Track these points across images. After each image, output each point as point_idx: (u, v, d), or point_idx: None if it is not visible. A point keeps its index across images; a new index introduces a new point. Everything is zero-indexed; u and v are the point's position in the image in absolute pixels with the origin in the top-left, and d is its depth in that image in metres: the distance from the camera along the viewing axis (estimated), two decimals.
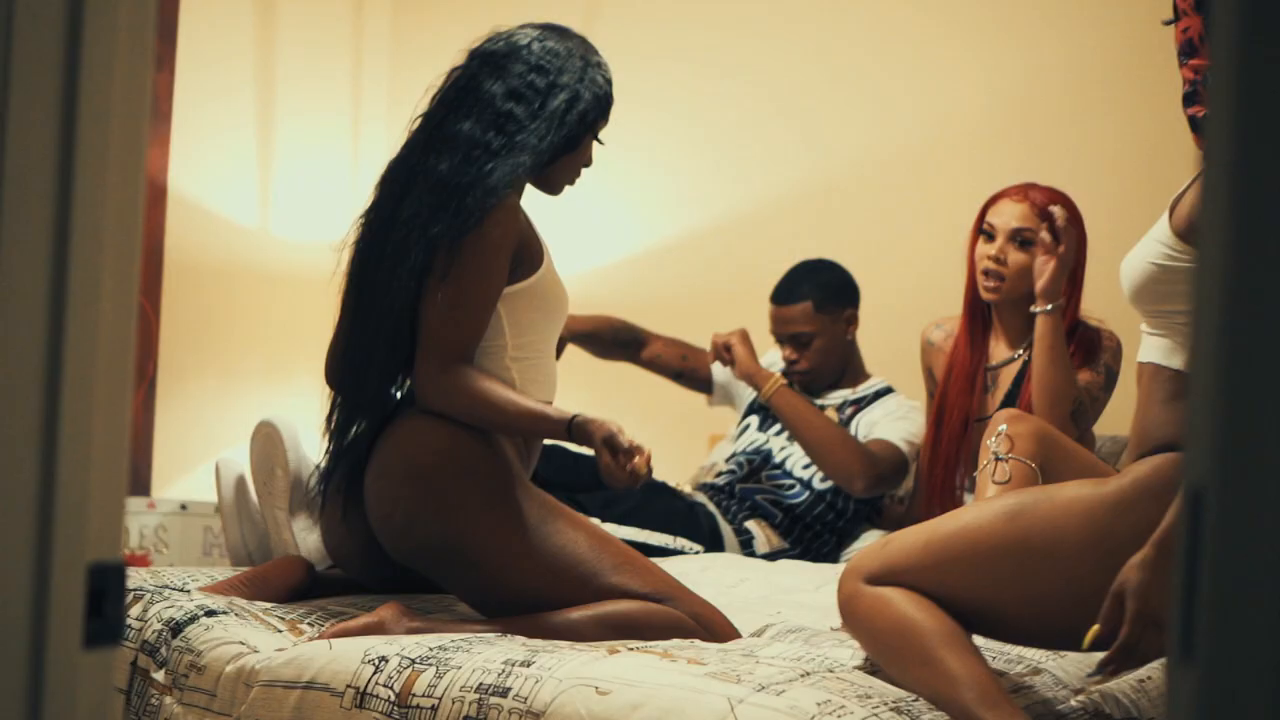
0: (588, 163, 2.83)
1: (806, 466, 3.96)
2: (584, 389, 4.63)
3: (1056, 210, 3.34)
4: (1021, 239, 3.45)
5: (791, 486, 3.96)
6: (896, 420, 3.95)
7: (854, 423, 4.01)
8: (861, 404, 4.04)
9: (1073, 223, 3.40)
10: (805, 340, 4.01)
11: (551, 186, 2.81)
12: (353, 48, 5.29)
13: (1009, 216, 3.47)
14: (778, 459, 4.00)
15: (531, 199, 2.79)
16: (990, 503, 2.36)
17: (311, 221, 4.88)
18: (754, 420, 4.13)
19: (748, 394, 4.20)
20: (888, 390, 4.08)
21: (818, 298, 4.02)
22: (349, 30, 5.29)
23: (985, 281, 3.48)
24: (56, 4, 1.15)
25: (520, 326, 2.71)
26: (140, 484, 4.54)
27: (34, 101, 1.15)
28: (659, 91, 4.89)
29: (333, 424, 2.75)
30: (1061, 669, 2.48)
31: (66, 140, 1.16)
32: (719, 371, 4.26)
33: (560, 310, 2.80)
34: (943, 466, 3.51)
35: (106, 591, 1.20)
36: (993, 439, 2.99)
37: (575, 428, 2.61)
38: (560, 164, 2.76)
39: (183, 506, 4.39)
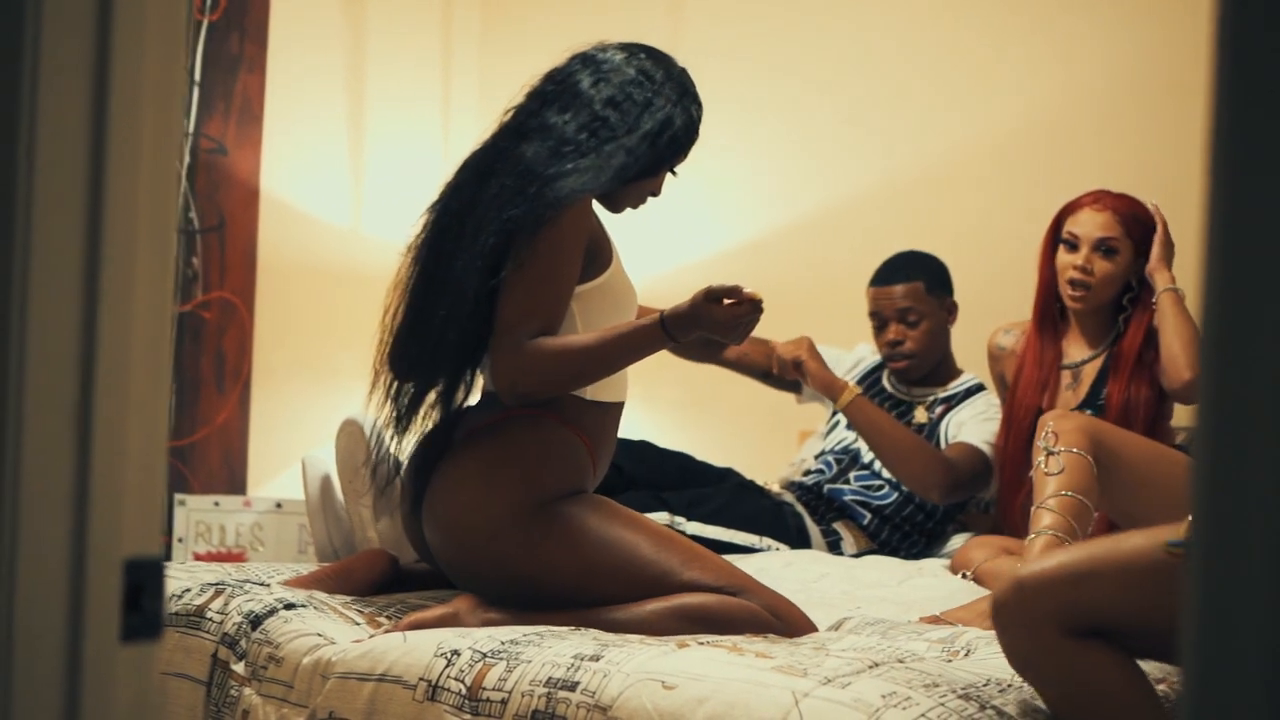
0: (656, 192, 2.81)
1: None
2: (675, 387, 4.64)
3: (1154, 205, 3.47)
4: (1106, 248, 3.49)
5: (880, 487, 3.92)
6: (983, 421, 3.90)
7: (944, 422, 3.96)
8: (952, 402, 4.00)
9: (1148, 228, 3.47)
10: (914, 320, 3.97)
11: (615, 205, 2.78)
12: (442, 45, 5.33)
13: (1092, 226, 3.49)
14: (866, 459, 3.97)
15: None
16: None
17: (403, 220, 4.90)
18: (843, 418, 4.10)
19: None
20: (979, 388, 4.03)
21: (928, 280, 4.00)
22: (438, 28, 5.33)
23: (1071, 291, 3.51)
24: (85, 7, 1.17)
25: (593, 325, 2.70)
26: (236, 482, 4.61)
27: (64, 104, 1.17)
28: (741, 92, 4.89)
29: (398, 413, 2.74)
30: None
31: (97, 135, 1.18)
32: None
33: (630, 308, 2.79)
34: (1012, 467, 3.50)
35: (144, 586, 1.22)
36: (1041, 437, 3.03)
37: (669, 320, 2.58)
38: (633, 186, 2.74)
39: (278, 505, 4.45)
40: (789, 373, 3.93)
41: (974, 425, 3.90)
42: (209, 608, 2.62)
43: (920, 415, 4.00)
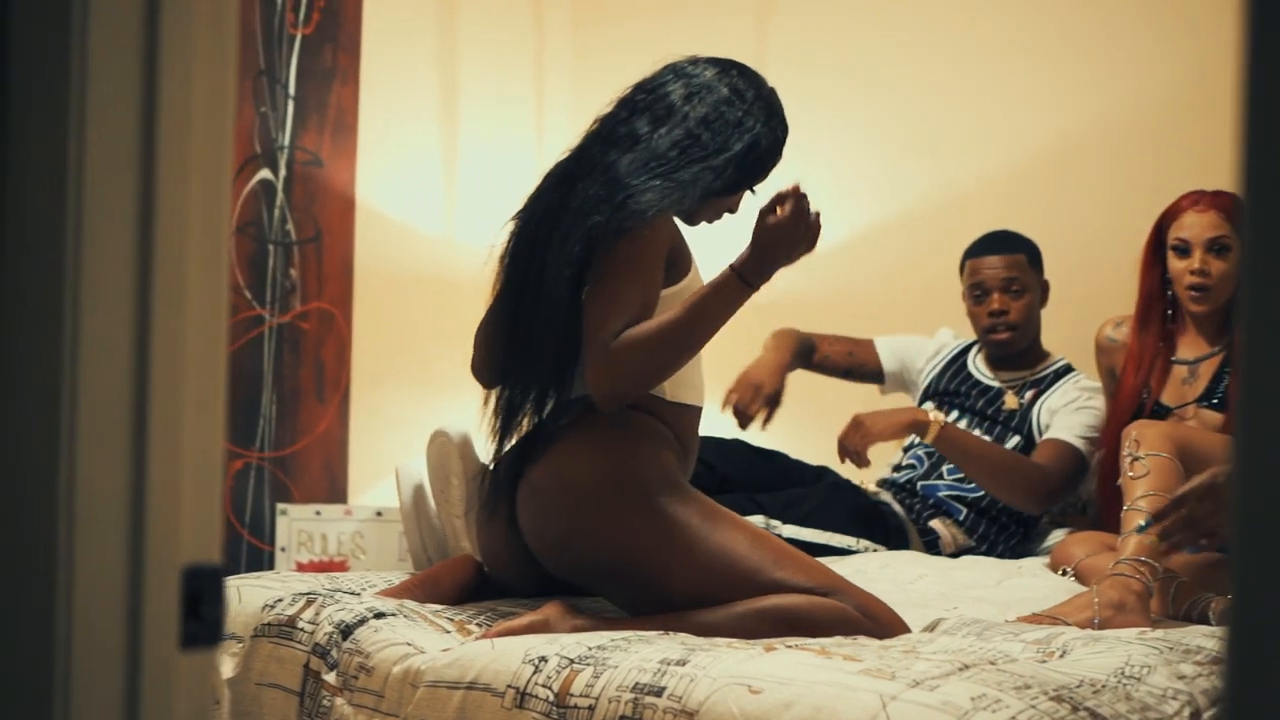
0: (734, 210, 2.80)
1: None
2: None
3: None
4: (1219, 246, 3.47)
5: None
6: (1075, 411, 3.84)
7: (1035, 408, 3.90)
8: (1041, 385, 3.94)
9: None
10: (1018, 291, 3.93)
11: (692, 219, 2.76)
12: (534, 54, 5.34)
13: (1200, 228, 3.48)
14: None
15: None
16: None
17: (495, 227, 4.92)
18: (930, 408, 4.05)
19: (923, 379, 4.13)
20: (1068, 370, 3.98)
21: (1029, 253, 3.98)
22: (531, 37, 5.34)
23: (1192, 294, 3.49)
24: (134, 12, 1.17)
25: None
26: (337, 491, 4.63)
27: (113, 110, 1.17)
28: (830, 92, 4.86)
29: (496, 421, 2.74)
30: None
31: (147, 156, 1.18)
32: (888, 358, 4.18)
33: None
34: (1113, 460, 3.46)
35: (203, 594, 1.22)
36: (1126, 446, 3.06)
37: (741, 266, 2.56)
38: (712, 202, 2.73)
39: (378, 513, 4.47)
40: (860, 459, 3.72)
41: (1066, 416, 3.83)
42: (300, 618, 2.63)
43: (1010, 401, 3.94)
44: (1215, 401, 3.47)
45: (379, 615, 2.57)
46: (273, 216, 4.51)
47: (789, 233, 2.55)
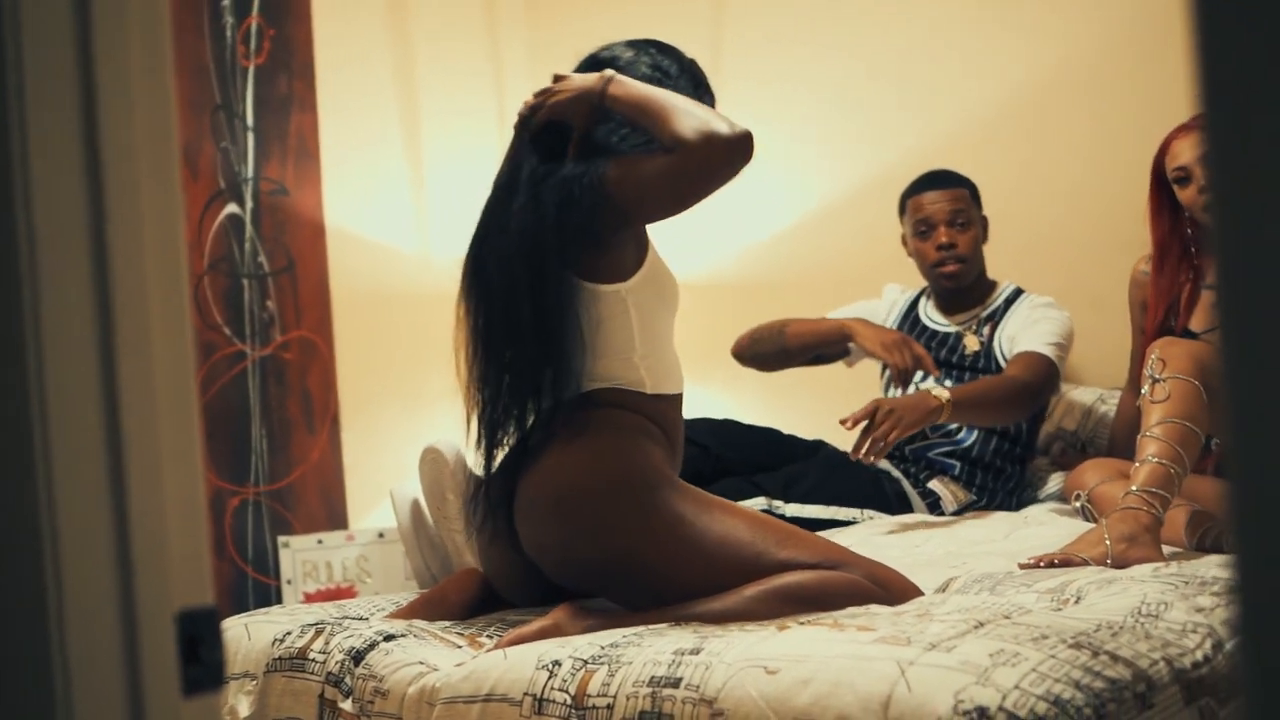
0: None
1: None
2: (756, 381, 4.57)
3: None
4: None
5: (957, 431, 3.86)
6: (1034, 324, 3.85)
7: (995, 342, 3.91)
8: (995, 318, 3.95)
9: None
10: (964, 224, 3.94)
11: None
12: (492, 63, 5.32)
13: (1194, 150, 3.47)
14: None
15: None
16: None
17: (469, 240, 4.90)
18: (931, 385, 4.02)
19: None
20: (1018, 293, 3.99)
21: (970, 189, 3.99)
22: (486, 46, 5.31)
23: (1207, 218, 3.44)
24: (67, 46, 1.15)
25: (646, 319, 2.66)
26: (337, 518, 4.61)
27: (56, 158, 1.15)
28: (789, 58, 4.83)
29: (481, 441, 2.72)
30: None
31: (94, 196, 1.16)
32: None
33: (674, 291, 2.76)
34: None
35: (201, 637, 1.20)
36: (1149, 365, 2.98)
37: None
38: None
39: (380, 535, 4.45)
40: (884, 434, 3.51)
41: (1028, 330, 3.85)
42: (311, 649, 2.61)
43: (971, 343, 3.93)
44: None
45: (389, 638, 2.55)
46: (244, 250, 4.49)
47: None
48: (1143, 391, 3.02)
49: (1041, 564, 2.75)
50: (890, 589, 2.55)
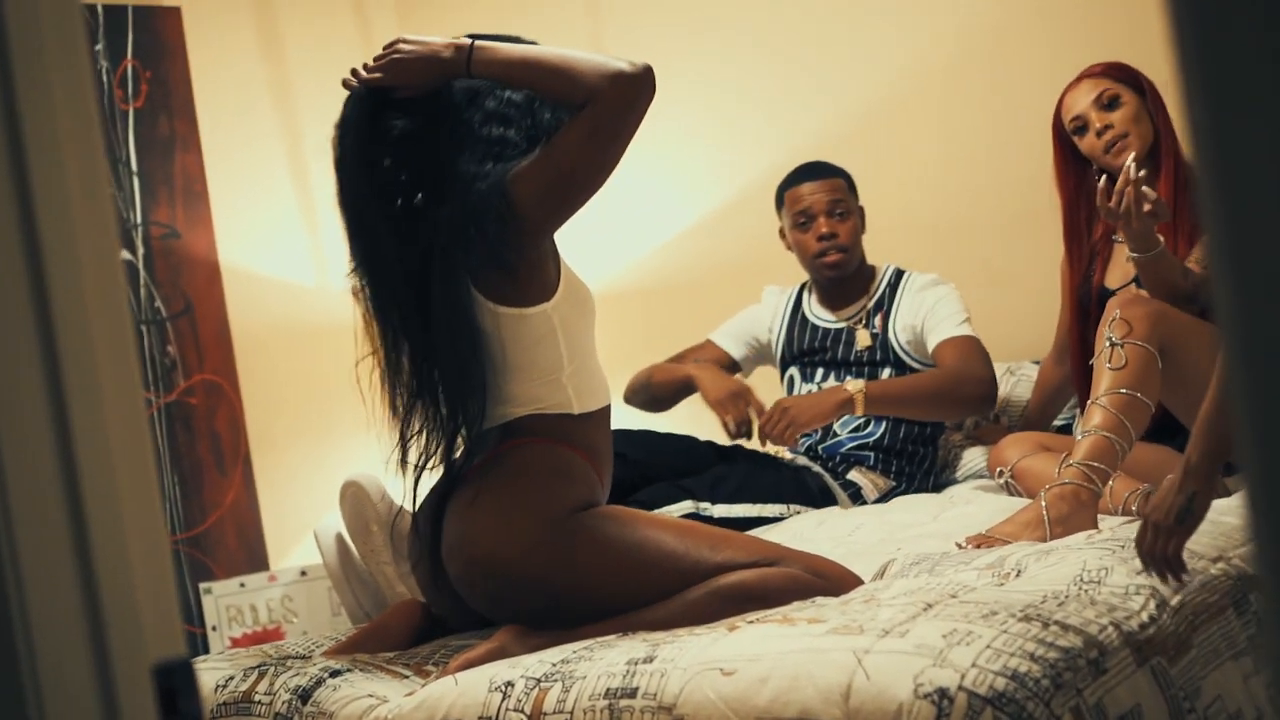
0: None
1: None
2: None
3: (1130, 167, 3.08)
4: (1107, 102, 3.41)
5: (865, 424, 3.85)
6: (935, 308, 3.84)
7: (890, 333, 3.89)
8: (884, 306, 3.92)
9: (1149, 94, 3.38)
10: (843, 214, 3.90)
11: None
12: None
13: (1082, 96, 3.48)
14: None
15: None
16: None
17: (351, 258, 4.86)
18: (795, 372, 4.02)
19: (776, 346, 4.09)
20: (899, 274, 3.97)
21: (847, 179, 3.97)
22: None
23: (1114, 152, 3.40)
24: None
25: (571, 334, 2.65)
26: (257, 560, 4.56)
27: None
28: (670, 53, 4.82)
29: (407, 474, 2.70)
30: None
31: (31, 246, 1.14)
32: (733, 345, 4.12)
33: (591, 301, 2.75)
34: (1078, 343, 3.47)
35: (178, 688, 1.18)
36: (1109, 325, 2.96)
37: None
38: None
39: (302, 573, 4.41)
40: (779, 432, 3.66)
41: (934, 319, 3.84)
42: (255, 691, 2.57)
43: (863, 338, 3.91)
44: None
45: (334, 674, 2.52)
46: (139, 296, 4.43)
47: None
48: (1099, 351, 3.00)
49: (982, 547, 2.76)
50: (829, 579, 2.56)
